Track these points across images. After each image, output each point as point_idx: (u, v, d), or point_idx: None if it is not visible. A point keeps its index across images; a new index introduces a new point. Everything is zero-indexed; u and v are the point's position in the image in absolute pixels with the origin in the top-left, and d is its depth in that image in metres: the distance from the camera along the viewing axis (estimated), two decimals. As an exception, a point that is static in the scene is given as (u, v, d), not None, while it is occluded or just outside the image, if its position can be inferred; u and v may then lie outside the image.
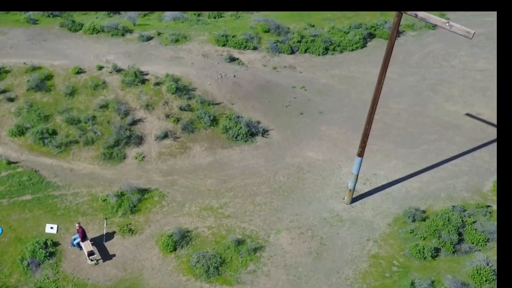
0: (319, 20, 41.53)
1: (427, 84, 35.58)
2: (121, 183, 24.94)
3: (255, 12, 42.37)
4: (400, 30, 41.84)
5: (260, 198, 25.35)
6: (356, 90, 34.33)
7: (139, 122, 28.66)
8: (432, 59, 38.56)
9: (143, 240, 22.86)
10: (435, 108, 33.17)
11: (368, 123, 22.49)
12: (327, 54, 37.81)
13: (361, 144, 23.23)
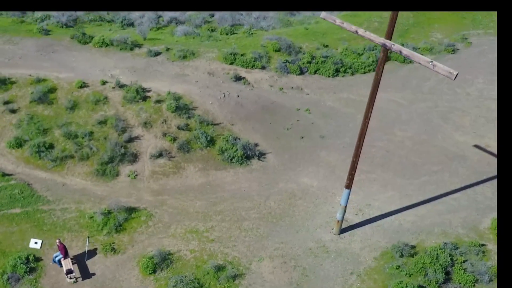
0: (334, 40, 41.86)
1: (438, 112, 35.46)
2: (110, 201, 25.74)
3: (269, 29, 43.06)
4: (420, 53, 41.73)
5: (247, 224, 25.78)
6: (363, 115, 34.37)
7: (136, 139, 29.49)
8: (447, 85, 38.39)
9: (124, 260, 23.56)
10: (443, 138, 33.04)
11: (355, 156, 22.73)
12: (338, 76, 38.07)
13: (348, 176, 23.47)
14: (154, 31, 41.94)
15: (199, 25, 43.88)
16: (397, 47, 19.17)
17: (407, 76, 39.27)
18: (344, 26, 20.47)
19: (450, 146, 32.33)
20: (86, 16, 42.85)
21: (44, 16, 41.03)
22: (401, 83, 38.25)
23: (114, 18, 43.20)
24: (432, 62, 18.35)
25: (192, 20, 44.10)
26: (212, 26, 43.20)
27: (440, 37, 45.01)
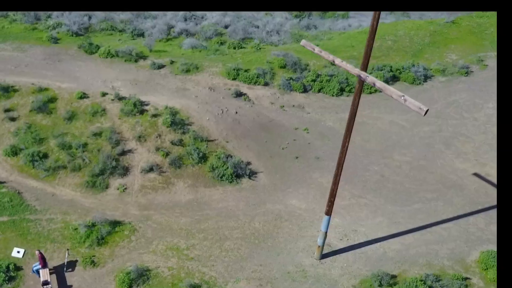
0: (343, 58, 42.15)
1: (441, 137, 35.54)
2: (95, 214, 26.77)
3: (280, 44, 43.80)
4: (429, 75, 42.01)
5: (229, 244, 26.46)
6: (362, 137, 34.84)
7: (128, 153, 30.53)
8: (455, 109, 38.43)
9: (102, 274, 24.50)
10: (442, 164, 33.15)
11: (334, 183, 23.20)
12: (342, 95, 38.49)
13: (327, 203, 23.93)
14: (164, 42, 43.12)
15: (210, 37, 44.87)
16: (371, 79, 19.65)
17: (414, 98, 39.18)
18: (322, 54, 21.05)
19: (449, 173, 32.41)
20: (98, 25, 44.26)
21: (56, 24, 42.62)
22: (407, 105, 38.34)
23: (125, 28, 44.50)
24: (404, 97, 18.76)
25: (203, 32, 45.12)
26: (222, 39, 44.17)
27: (455, 58, 44.97)
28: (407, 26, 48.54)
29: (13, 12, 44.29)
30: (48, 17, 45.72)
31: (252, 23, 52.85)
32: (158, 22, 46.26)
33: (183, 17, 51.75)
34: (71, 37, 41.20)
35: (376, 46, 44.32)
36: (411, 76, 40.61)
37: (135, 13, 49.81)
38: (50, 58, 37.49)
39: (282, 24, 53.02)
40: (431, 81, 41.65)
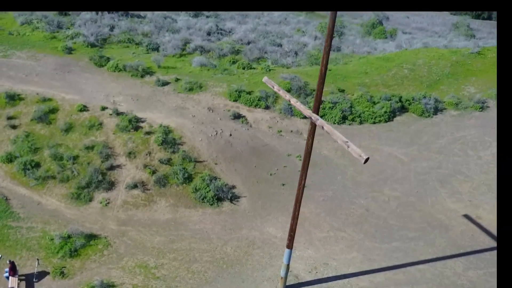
0: (353, 85, 43.19)
1: (438, 174, 35.95)
2: (73, 226, 28.75)
3: (294, 66, 45.06)
4: (440, 108, 42.38)
5: (197, 266, 27.90)
6: (355, 168, 35.67)
7: (117, 168, 32.47)
8: (460, 146, 38.70)
9: (69, 286, 26.36)
10: (433, 202, 33.60)
11: (293, 218, 24.28)
12: (344, 123, 39.40)
13: (288, 236, 25.03)
14: (177, 58, 45.10)
15: (225, 55, 46.61)
16: (320, 122, 20.71)
17: (420, 131, 39.92)
18: (280, 93, 22.29)
19: (437, 212, 32.85)
20: (116, 36, 46.73)
21: (74, 34, 45.29)
22: (410, 138, 38.97)
23: (142, 41, 46.79)
24: (348, 143, 19.72)
25: (218, 50, 46.89)
26: (235, 58, 45.77)
27: (473, 92, 45.10)
28: (429, 55, 48.92)
29: (37, 20, 47.27)
30: (70, 26, 48.49)
31: (275, 41, 54.39)
32: (175, 37, 48.31)
33: (207, 32, 53.82)
34: (86, 48, 43.70)
35: (391, 74, 45.07)
36: (420, 108, 41.08)
37: (157, 26, 52.16)
38: (61, 69, 40.00)
39: (306, 44, 54.31)
40: (442, 114, 41.96)
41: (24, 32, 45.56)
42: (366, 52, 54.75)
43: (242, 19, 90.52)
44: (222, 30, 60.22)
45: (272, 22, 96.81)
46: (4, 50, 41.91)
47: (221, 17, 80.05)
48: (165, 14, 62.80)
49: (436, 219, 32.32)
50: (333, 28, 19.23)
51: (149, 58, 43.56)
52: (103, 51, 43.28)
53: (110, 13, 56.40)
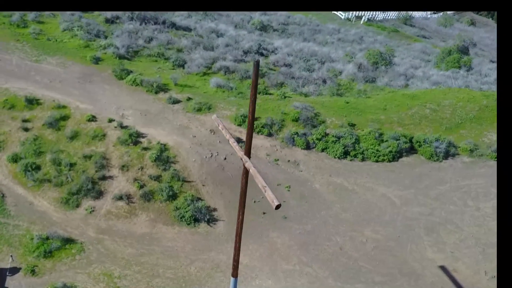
0: (366, 121, 44.88)
1: (427, 221, 37.12)
2: (54, 228, 32.52)
3: (313, 96, 47.24)
4: (453, 153, 43.30)
5: (157, 281, 30.87)
6: (342, 205, 37.52)
7: (108, 178, 36.06)
8: (461, 194, 39.58)
9: (37, 284, 30.02)
10: (412, 250, 34.92)
11: (235, 249, 26.70)
12: (345, 158, 41.24)
13: (232, 266, 27.47)
14: (199, 76, 48.45)
15: (249, 77, 49.42)
16: (248, 165, 23.05)
17: (423, 174, 41.10)
18: (223, 131, 24.85)
19: (413, 260, 34.15)
20: (148, 50, 50.73)
21: (107, 44, 49.65)
22: (410, 181, 40.26)
23: (170, 56, 50.54)
24: (266, 188, 22.01)
25: (243, 71, 49.82)
26: (256, 81, 48.44)
27: (494, 139, 45.55)
28: (458, 96, 49.69)
29: (78, 27, 52.10)
30: (110, 35, 53.03)
31: (311, 67, 56.76)
32: (205, 55, 51.70)
33: (246, 50, 56.97)
34: (114, 60, 47.90)
35: (410, 113, 46.43)
36: (429, 151, 42.18)
37: (195, 41, 55.84)
38: (83, 78, 44.29)
39: (343, 72, 56.29)
40: (453, 160, 42.85)
41: (62, 38, 50.42)
42: (401, 85, 55.94)
43: (310, 35, 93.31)
44: (264, 49, 63.15)
45: (345, 40, 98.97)
46: (38, 55, 46.77)
47: (283, 34, 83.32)
48: (213, 28, 66.54)
49: (409, 267, 33.62)
50: (257, 78, 21.57)
51: (173, 73, 47.06)
52: (130, 64, 47.23)
53: (155, 24, 60.69)
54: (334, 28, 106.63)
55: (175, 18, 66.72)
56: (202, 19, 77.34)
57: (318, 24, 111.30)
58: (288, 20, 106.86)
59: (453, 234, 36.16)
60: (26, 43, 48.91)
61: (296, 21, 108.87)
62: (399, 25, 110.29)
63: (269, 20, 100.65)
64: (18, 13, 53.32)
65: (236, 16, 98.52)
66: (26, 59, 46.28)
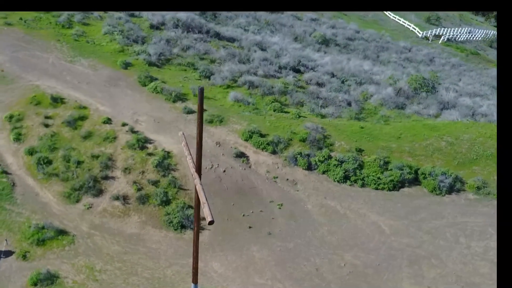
0: (376, 147, 46.81)
1: (412, 253, 38.76)
2: (51, 219, 36.68)
3: (332, 117, 49.57)
4: (458, 188, 44.62)
5: (134, 279, 34.35)
6: (330, 228, 39.82)
7: (110, 179, 39.98)
8: (455, 231, 40.90)
9: (26, 268, 34.14)
10: (387, 279, 36.79)
11: (193, 258, 29.77)
12: (345, 183, 43.44)
13: (192, 272, 30.57)
14: (223, 88, 51.84)
15: (272, 93, 52.42)
16: (196, 181, 26.02)
17: (421, 207, 42.69)
18: (184, 148, 27.98)
19: (386, 289, 36.06)
20: (176, 58, 54.66)
21: (140, 51, 53.93)
22: (406, 212, 41.97)
23: (199, 66, 54.22)
24: (205, 204, 24.93)
25: (267, 88, 52.81)
26: (277, 98, 51.39)
27: (507, 179, 46.28)
28: (480, 131, 50.63)
29: (118, 32, 56.73)
30: (148, 40, 57.37)
31: (342, 89, 59.03)
32: (233, 68, 55.05)
33: (282, 66, 59.96)
34: (144, 66, 52.06)
35: (424, 144, 48.04)
36: (432, 184, 43.68)
37: (230, 53, 59.38)
38: (110, 82, 48.63)
39: (375, 95, 58.18)
40: (457, 195, 44.15)
41: (100, 41, 55.14)
42: (431, 115, 57.19)
43: (374, 53, 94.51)
44: (303, 65, 65.85)
45: (413, 60, 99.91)
46: (73, 56, 51.59)
47: (344, 49, 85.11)
48: (258, 41, 69.85)
49: (380, 295, 35.54)
50: (202, 104, 24.54)
51: (197, 84, 50.66)
52: (158, 72, 51.23)
53: (198, 33, 64.67)
54: (405, 47, 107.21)
55: (222, 28, 70.40)
56: (258, 30, 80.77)
57: (388, 41, 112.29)
58: (355, 35, 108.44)
59: (435, 269, 37.63)
60: (66, 43, 53.87)
61: (364, 37, 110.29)
62: (483, 47, 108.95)
63: (335, 33, 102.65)
64: (66, 13, 58.57)
65: (299, 27, 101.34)
66: (62, 59, 51.15)
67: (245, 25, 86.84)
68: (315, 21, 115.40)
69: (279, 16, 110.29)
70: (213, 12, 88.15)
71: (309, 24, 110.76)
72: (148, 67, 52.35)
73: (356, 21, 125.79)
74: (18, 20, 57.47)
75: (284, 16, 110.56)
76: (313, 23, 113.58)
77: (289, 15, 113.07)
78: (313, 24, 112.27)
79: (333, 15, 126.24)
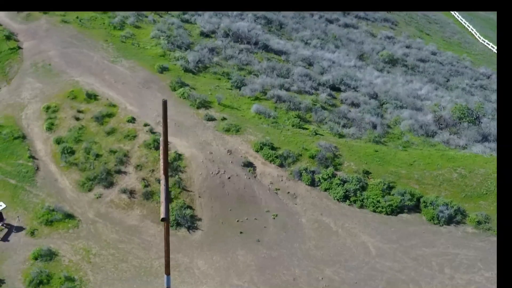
0: (384, 172, 49.77)
1: (392, 277, 41.36)
2: (60, 204, 42.37)
3: (352, 138, 52.82)
4: (458, 220, 46.88)
5: (123, 265, 39.31)
6: (318, 243, 43.34)
7: (123, 173, 45.31)
8: (442, 261, 43.22)
9: (32, 244, 39.81)
10: (360, 297, 40.05)
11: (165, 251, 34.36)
12: (344, 202, 46.79)
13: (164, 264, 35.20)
14: (251, 99, 56.24)
15: (298, 109, 56.26)
16: (162, 182, 30.63)
17: (414, 234, 45.37)
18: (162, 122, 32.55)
19: (356, 306, 39.31)
20: (214, 67, 59.57)
21: (180, 57, 59.23)
22: (398, 237, 44.80)
23: (231, 76, 58.87)
24: (162, 203, 29.39)
25: (295, 103, 56.70)
26: (300, 114, 55.20)
27: (513, 217, 48.12)
28: (498, 167, 52.41)
29: (164, 36, 62.34)
30: (192, 46, 62.66)
31: (377, 111, 62.00)
32: (266, 81, 59.32)
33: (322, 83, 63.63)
34: (180, 72, 57.26)
35: (435, 174, 50.61)
36: (431, 213, 46.29)
37: (270, 66, 63.73)
38: (144, 84, 54.13)
39: (416, 125, 60.36)
40: (455, 227, 46.50)
41: (145, 45, 60.87)
42: (458, 147, 59.12)
43: (444, 77, 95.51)
44: (345, 84, 69.12)
45: (489, 89, 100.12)
46: (116, 56, 57.55)
47: (411, 71, 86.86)
48: (305, 55, 73.59)
49: (348, 311, 38.82)
50: (165, 116, 28.98)
51: (227, 93, 55.35)
52: (192, 78, 56.23)
53: (246, 44, 69.35)
54: (484, 73, 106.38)
55: (272, 41, 74.72)
56: (321, 44, 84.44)
57: (466, 66, 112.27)
58: (430, 56, 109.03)
59: (411, 295, 40.38)
60: (112, 44, 59.98)
61: (440, 59, 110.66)
62: None
63: (407, 53, 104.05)
64: (121, 15, 64.77)
65: (368, 45, 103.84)
66: (106, 58, 57.20)
67: (308, 38, 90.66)
68: (389, 39, 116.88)
69: (351, 31, 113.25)
70: (279, 23, 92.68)
71: (382, 42, 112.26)
72: (183, 73, 57.42)
73: (438, 42, 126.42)
74: (75, 19, 64.19)
75: (356, 32, 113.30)
76: (386, 41, 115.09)
77: (363, 31, 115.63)
78: (386, 42, 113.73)
79: (412, 34, 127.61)
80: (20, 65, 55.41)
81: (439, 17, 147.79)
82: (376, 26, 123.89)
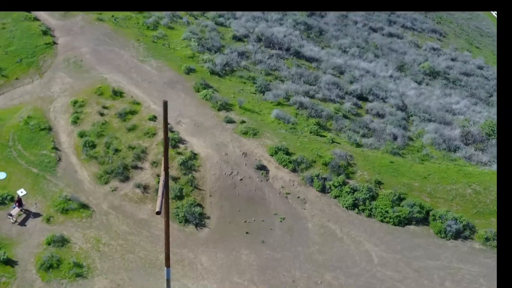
0: (397, 183, 51.17)
1: (392, 286, 42.81)
2: (77, 194, 45.39)
3: (370, 148, 54.35)
4: (466, 235, 47.91)
5: (129, 256, 41.91)
6: (321, 248, 45.13)
7: (139, 169, 48.04)
8: (443, 275, 44.28)
9: (47, 230, 42.80)
10: (357, 303, 41.73)
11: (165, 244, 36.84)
12: (353, 210, 48.45)
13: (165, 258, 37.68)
14: (273, 105, 58.36)
15: (319, 116, 58.06)
16: (161, 178, 33.08)
17: (419, 246, 46.71)
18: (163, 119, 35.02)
19: (351, 312, 41.02)
20: (241, 71, 61.91)
21: (208, 59, 61.81)
22: (402, 248, 46.20)
23: (256, 81, 61.06)
24: (159, 197, 31.87)
25: (315, 111, 58.54)
26: (320, 121, 57.01)
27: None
28: (515, 186, 53.19)
29: (194, 38, 65.05)
30: (223, 49, 65.19)
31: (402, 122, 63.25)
32: (290, 87, 61.33)
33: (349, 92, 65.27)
34: (206, 74, 59.82)
35: (448, 188, 51.82)
36: (439, 227, 47.56)
37: (298, 73, 65.77)
38: (169, 84, 56.88)
39: (439, 139, 61.25)
40: (462, 242, 47.62)
41: (176, 46, 63.67)
42: (482, 163, 59.84)
43: (487, 92, 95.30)
44: (374, 94, 70.43)
45: None
46: (145, 56, 60.51)
47: (452, 84, 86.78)
48: (336, 63, 75.19)
49: (343, 316, 40.55)
50: (166, 117, 31.42)
51: (250, 97, 57.63)
52: (218, 81, 58.65)
53: (278, 50, 71.50)
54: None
55: (305, 48, 76.54)
56: (359, 53, 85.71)
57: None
58: (475, 70, 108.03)
59: (407, 306, 41.78)
60: (143, 44, 62.99)
61: (486, 74, 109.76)
62: None
63: (450, 66, 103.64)
64: (155, 15, 67.79)
65: (411, 55, 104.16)
66: (135, 57, 60.22)
67: (347, 47, 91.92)
68: (435, 51, 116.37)
69: (394, 41, 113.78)
70: (319, 30, 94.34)
71: (426, 53, 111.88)
72: (209, 75, 59.90)
73: (488, 56, 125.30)
74: (110, 17, 67.52)
75: (400, 42, 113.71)
76: (430, 53, 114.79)
77: (407, 41, 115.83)
78: (430, 54, 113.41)
79: (461, 47, 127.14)
80: (53, 60, 58.85)
81: (493, 29, 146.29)
82: (423, 37, 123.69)
